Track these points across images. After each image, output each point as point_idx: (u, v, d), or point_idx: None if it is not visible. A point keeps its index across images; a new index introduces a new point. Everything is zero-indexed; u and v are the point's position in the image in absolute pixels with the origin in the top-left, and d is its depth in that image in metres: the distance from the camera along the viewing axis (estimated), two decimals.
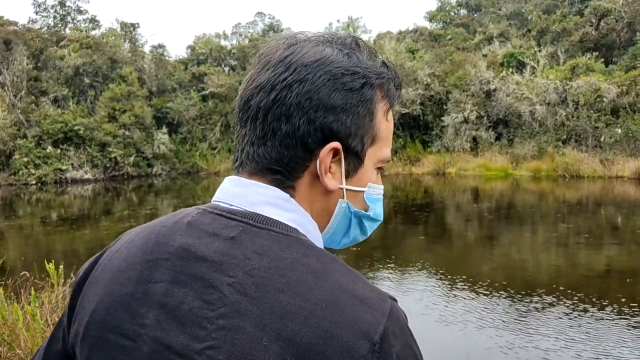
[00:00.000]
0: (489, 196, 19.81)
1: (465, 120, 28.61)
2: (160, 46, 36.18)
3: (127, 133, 29.91)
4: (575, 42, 31.43)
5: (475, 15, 43.90)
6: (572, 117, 26.42)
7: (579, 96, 26.18)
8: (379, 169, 0.85)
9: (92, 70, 31.66)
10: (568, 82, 26.76)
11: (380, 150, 0.83)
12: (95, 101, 31.25)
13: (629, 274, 8.17)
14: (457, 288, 7.73)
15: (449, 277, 8.40)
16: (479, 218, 14.63)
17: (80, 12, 39.67)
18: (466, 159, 27.45)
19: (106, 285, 0.77)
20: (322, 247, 0.78)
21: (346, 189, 0.80)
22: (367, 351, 0.63)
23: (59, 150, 28.51)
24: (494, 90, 28.54)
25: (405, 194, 20.64)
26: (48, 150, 28.22)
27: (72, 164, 28.58)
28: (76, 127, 28.60)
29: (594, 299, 6.98)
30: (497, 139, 28.44)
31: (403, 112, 30.05)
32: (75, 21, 39.59)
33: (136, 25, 36.17)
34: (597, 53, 29.52)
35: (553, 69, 28.91)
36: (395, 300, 0.71)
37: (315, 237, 0.79)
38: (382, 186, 0.87)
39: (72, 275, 5.60)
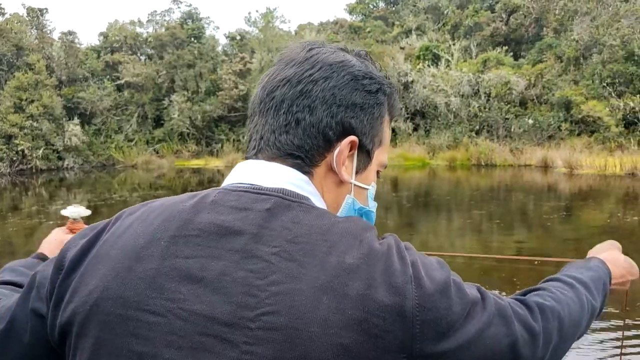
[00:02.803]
0: (408, 185, 20.38)
1: None
2: (71, 33, 34.27)
3: (35, 124, 28.25)
4: (486, 36, 32.85)
5: (394, 8, 44.83)
6: (484, 108, 27.64)
7: (490, 88, 27.42)
8: (378, 172, 0.93)
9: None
10: (480, 75, 27.96)
11: (383, 154, 0.91)
12: (0, 90, 29.27)
13: (536, 256, 8.65)
14: None
15: None
16: (398, 206, 15.01)
17: None
18: None
19: (122, 261, 0.75)
20: None
21: (354, 185, 0.87)
22: (407, 283, 0.72)
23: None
24: (412, 82, 29.33)
25: None
26: None
27: None
28: None
29: (506, 282, 7.34)
30: (415, 129, 29.28)
31: None
32: None
33: (44, 11, 34.14)
34: (506, 47, 31.00)
35: (466, 62, 30.09)
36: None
37: None
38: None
39: None
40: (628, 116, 24.03)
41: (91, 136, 31.22)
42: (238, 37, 37.70)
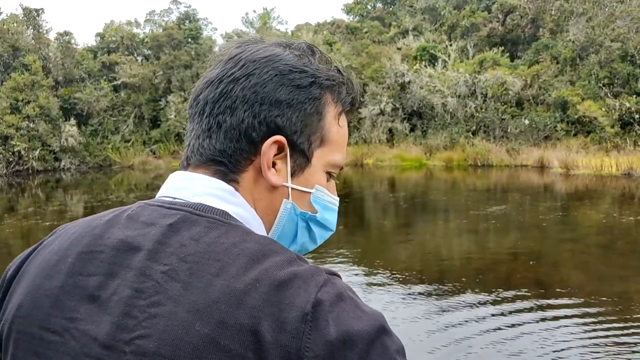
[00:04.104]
0: (405, 186, 20.40)
1: (382, 112, 29.26)
2: (67, 33, 34.19)
3: (31, 125, 28.20)
4: (483, 37, 32.89)
5: (391, 8, 44.84)
6: (481, 109, 27.68)
7: (487, 89, 27.46)
8: (330, 174, 0.84)
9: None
10: (477, 76, 27.99)
11: (331, 153, 0.82)
12: None
13: (533, 257, 8.68)
14: (375, 275, 7.91)
15: (367, 264, 8.58)
16: (395, 207, 15.03)
17: None
18: (383, 150, 28.11)
19: (34, 279, 0.74)
20: None
21: (292, 189, 0.80)
22: (299, 321, 0.62)
23: None
24: (408, 82, 29.35)
25: None
26: None
27: None
28: None
29: (502, 281, 7.37)
30: (412, 130, 29.30)
31: None
32: None
33: (40, 11, 34.06)
34: (503, 48, 31.05)
35: (463, 62, 30.12)
36: (337, 275, 0.70)
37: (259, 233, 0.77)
38: (336, 197, 0.87)
39: None
40: (624, 116, 24.09)
41: (88, 137, 31.16)
42: (235, 38, 37.64)
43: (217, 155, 0.77)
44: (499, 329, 5.72)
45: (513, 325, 5.79)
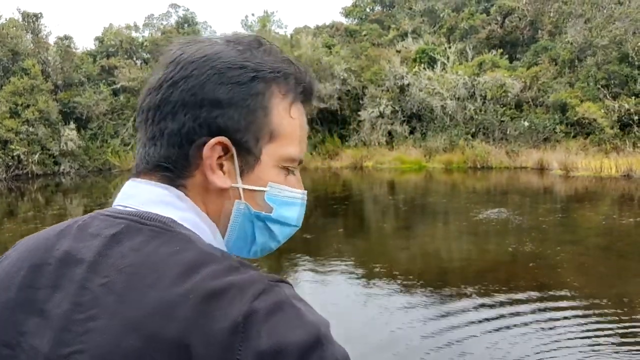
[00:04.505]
0: (404, 188, 20.39)
1: (381, 115, 29.26)
2: (66, 37, 34.24)
3: (30, 129, 28.18)
4: (482, 39, 32.92)
5: (390, 11, 44.91)
6: (480, 111, 27.69)
7: (486, 91, 27.48)
8: (286, 169, 0.81)
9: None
10: (476, 78, 28.01)
11: (283, 147, 0.79)
12: None
13: (533, 259, 8.67)
14: (376, 278, 7.90)
15: (367, 268, 8.57)
16: (395, 209, 15.03)
17: None
18: (382, 152, 28.10)
19: None
20: (222, 247, 0.75)
21: (242, 189, 0.77)
22: (230, 333, 0.60)
23: None
24: (408, 85, 29.36)
25: (325, 188, 20.83)
26: None
27: None
28: None
29: (502, 283, 7.36)
30: (411, 132, 29.30)
31: (321, 106, 30.26)
32: None
33: (39, 16, 34.09)
34: (502, 50, 31.08)
35: (462, 65, 30.13)
36: (285, 283, 0.67)
37: (210, 238, 0.75)
38: (300, 191, 0.84)
39: None
40: (623, 118, 24.11)
41: (87, 141, 31.15)
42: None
43: (162, 161, 0.75)
44: (498, 330, 5.71)
45: (512, 327, 5.78)
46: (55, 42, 34.10)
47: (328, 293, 7.33)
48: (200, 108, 0.73)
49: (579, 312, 6.20)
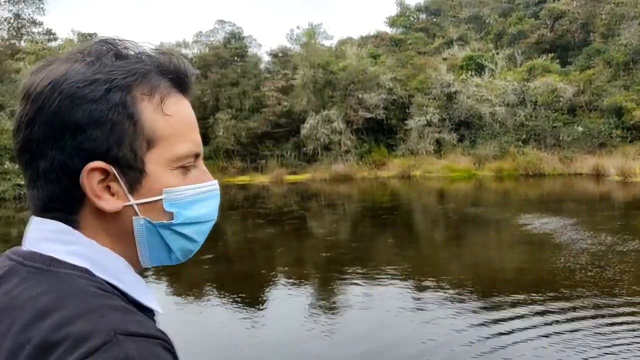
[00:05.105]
0: (454, 197, 20.10)
1: (429, 123, 29.01)
2: None
3: None
4: (531, 44, 32.25)
5: (435, 19, 44.60)
6: (531, 117, 27.08)
7: (537, 96, 26.87)
8: (183, 167, 0.75)
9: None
10: (526, 83, 27.44)
11: (168, 149, 0.73)
12: None
13: (591, 269, 8.38)
14: (425, 289, 7.81)
15: (416, 277, 8.48)
16: (444, 219, 14.83)
17: (35, 24, 38.71)
18: (430, 161, 27.82)
19: None
20: (128, 275, 0.73)
21: (137, 205, 0.73)
22: None
23: (17, 166, 27.66)
24: (455, 92, 29.03)
25: (372, 198, 20.77)
26: (6, 166, 27.41)
27: None
28: None
29: (557, 292, 7.14)
30: (460, 140, 28.91)
31: (367, 116, 30.27)
32: (30, 33, 38.65)
33: (93, 35, 35.51)
34: (553, 54, 30.35)
35: (511, 70, 29.60)
36: (148, 337, 0.61)
37: (109, 266, 0.72)
38: (206, 183, 0.79)
39: None
40: None
41: None
42: (280, 54, 38.22)
43: (47, 202, 0.71)
44: (547, 336, 5.54)
45: (564, 334, 5.60)
46: None
47: (378, 300, 7.30)
48: (63, 138, 0.69)
49: (638, 324, 5.96)
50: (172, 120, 0.74)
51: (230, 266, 9.52)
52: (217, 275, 9.18)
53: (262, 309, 7.50)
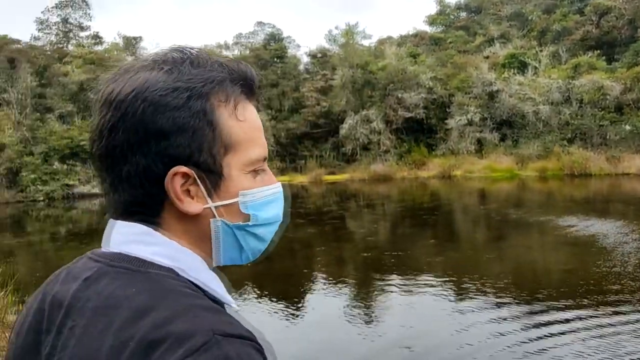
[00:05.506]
0: (496, 197, 19.77)
1: (469, 123, 28.62)
2: None
3: None
4: (576, 40, 31.44)
5: (476, 17, 43.92)
6: (577, 115, 26.39)
7: (583, 94, 26.17)
8: (254, 171, 0.79)
9: (96, 85, 31.82)
10: (571, 81, 26.76)
11: (243, 154, 0.77)
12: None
13: (638, 271, 8.13)
14: (467, 291, 7.72)
15: (458, 280, 8.39)
16: (486, 220, 14.60)
17: (82, 28, 39.95)
18: (471, 161, 27.43)
19: (12, 336, 0.79)
20: (206, 273, 0.76)
21: (215, 207, 0.76)
22: None
23: (65, 166, 28.67)
24: (497, 91, 28.55)
25: (412, 198, 20.62)
26: (55, 167, 28.39)
27: (79, 179, 28.74)
28: (82, 143, 28.79)
29: (604, 299, 6.96)
30: (502, 140, 28.41)
31: (407, 116, 30.07)
32: (77, 37, 39.89)
33: (138, 39, 36.42)
34: (599, 51, 29.52)
35: (555, 68, 28.92)
36: (245, 339, 0.64)
37: (190, 265, 0.75)
38: (273, 185, 0.83)
39: None
40: None
41: None
42: (319, 55, 38.34)
43: (130, 206, 0.74)
44: (589, 339, 5.40)
45: (610, 345, 5.45)
46: None
47: (417, 303, 7.25)
48: (147, 144, 0.71)
49: None
50: (245, 125, 0.77)
51: (270, 265, 9.61)
52: (257, 275, 9.29)
53: (301, 309, 7.55)
